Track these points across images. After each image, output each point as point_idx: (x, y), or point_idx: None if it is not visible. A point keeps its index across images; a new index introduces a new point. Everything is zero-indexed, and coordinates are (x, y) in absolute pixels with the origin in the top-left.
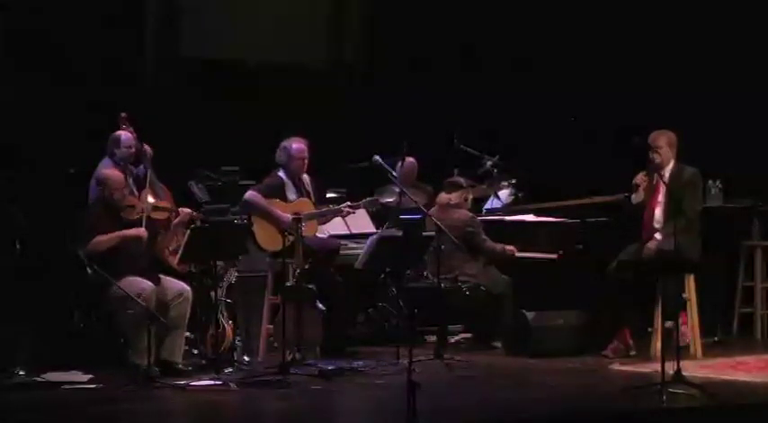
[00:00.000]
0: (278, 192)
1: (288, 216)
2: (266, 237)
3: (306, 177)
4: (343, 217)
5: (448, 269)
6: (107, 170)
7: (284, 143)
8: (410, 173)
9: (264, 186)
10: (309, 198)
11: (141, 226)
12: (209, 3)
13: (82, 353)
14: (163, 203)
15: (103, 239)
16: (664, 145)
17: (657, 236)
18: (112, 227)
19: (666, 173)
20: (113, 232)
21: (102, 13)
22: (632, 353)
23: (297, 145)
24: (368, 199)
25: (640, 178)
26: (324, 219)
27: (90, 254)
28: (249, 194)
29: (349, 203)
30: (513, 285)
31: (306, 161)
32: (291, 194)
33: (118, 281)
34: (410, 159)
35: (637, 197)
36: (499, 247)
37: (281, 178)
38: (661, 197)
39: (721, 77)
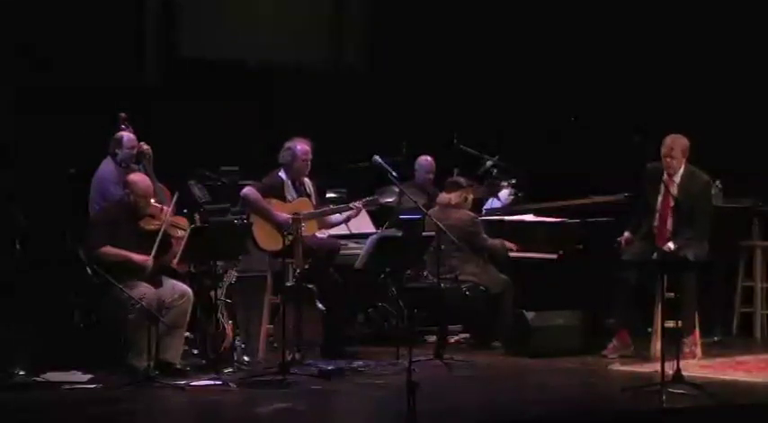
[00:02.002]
0: (276, 191)
1: (285, 215)
2: (265, 237)
3: (307, 180)
4: (355, 216)
5: (448, 269)
6: (136, 175)
7: (289, 143)
8: (430, 171)
9: (263, 185)
10: (310, 199)
11: (156, 237)
12: (209, 3)
13: (82, 353)
14: (181, 220)
15: (110, 252)
16: (678, 155)
17: (671, 245)
18: (127, 233)
19: (677, 178)
20: (123, 250)
21: (103, 13)
22: (631, 349)
23: (302, 146)
24: (368, 198)
25: (625, 240)
26: (330, 220)
27: (93, 259)
28: (246, 190)
29: (356, 202)
30: (512, 285)
31: (309, 163)
32: (290, 195)
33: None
34: (428, 158)
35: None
36: (498, 242)
37: (281, 178)
38: (672, 202)
39: (722, 77)
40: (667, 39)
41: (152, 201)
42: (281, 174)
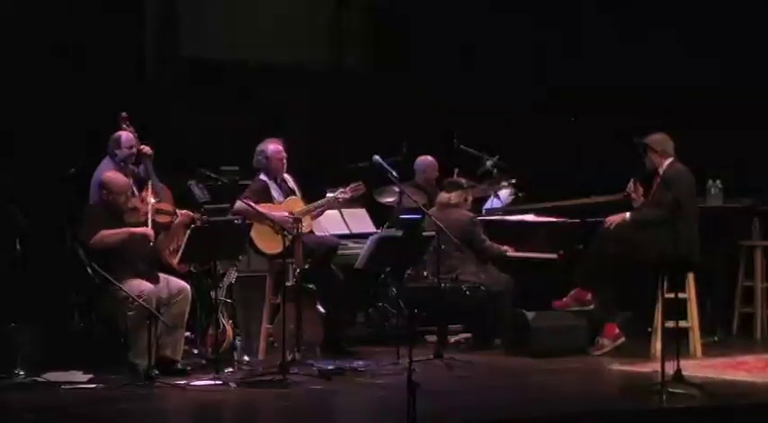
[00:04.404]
0: (264, 195)
1: (282, 214)
2: (264, 240)
3: (287, 177)
4: (341, 203)
5: (448, 269)
6: (110, 173)
7: (260, 146)
8: (432, 171)
9: (251, 193)
10: (296, 195)
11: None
12: (209, 3)
13: (82, 353)
14: (164, 206)
15: (110, 233)
16: (648, 150)
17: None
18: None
19: (661, 172)
20: (120, 229)
21: (102, 13)
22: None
23: (273, 146)
24: (353, 184)
25: (631, 187)
26: (318, 212)
27: (94, 248)
28: (239, 204)
29: (342, 189)
30: (513, 284)
31: (284, 160)
32: (277, 195)
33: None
34: (429, 158)
35: (636, 203)
36: (497, 246)
37: (264, 181)
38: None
39: (721, 76)
40: (667, 38)
41: (150, 200)
42: (263, 177)
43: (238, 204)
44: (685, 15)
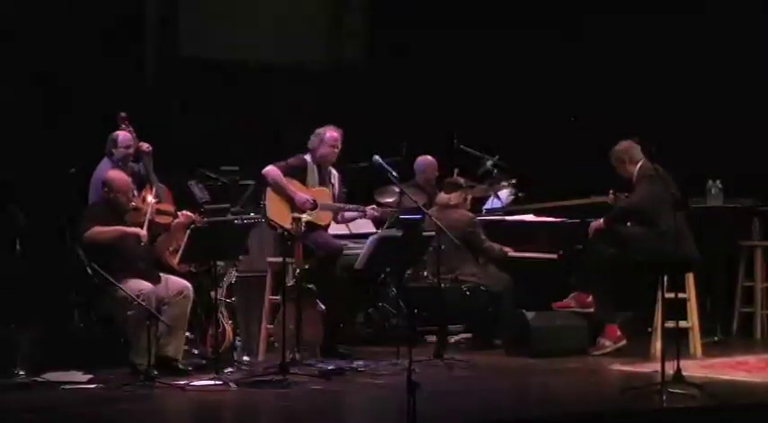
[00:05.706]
0: (299, 173)
1: (305, 196)
2: (278, 212)
3: (334, 171)
4: (367, 218)
5: (448, 269)
6: (113, 172)
7: (319, 129)
8: (431, 171)
9: (286, 165)
10: (332, 190)
11: (143, 228)
12: (209, 3)
13: (82, 353)
14: (165, 207)
15: (102, 230)
16: (615, 163)
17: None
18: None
19: (635, 175)
20: (114, 226)
21: (103, 13)
22: (623, 343)
23: (331, 133)
24: (388, 209)
25: (611, 198)
26: (343, 216)
27: (87, 243)
28: (268, 169)
29: (374, 206)
30: (513, 283)
31: (337, 151)
32: (312, 180)
33: (117, 282)
34: (429, 158)
35: None
36: (497, 246)
37: (306, 161)
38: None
39: (722, 77)
40: (667, 38)
41: (149, 199)
42: (307, 157)
43: (270, 169)
44: (685, 15)
